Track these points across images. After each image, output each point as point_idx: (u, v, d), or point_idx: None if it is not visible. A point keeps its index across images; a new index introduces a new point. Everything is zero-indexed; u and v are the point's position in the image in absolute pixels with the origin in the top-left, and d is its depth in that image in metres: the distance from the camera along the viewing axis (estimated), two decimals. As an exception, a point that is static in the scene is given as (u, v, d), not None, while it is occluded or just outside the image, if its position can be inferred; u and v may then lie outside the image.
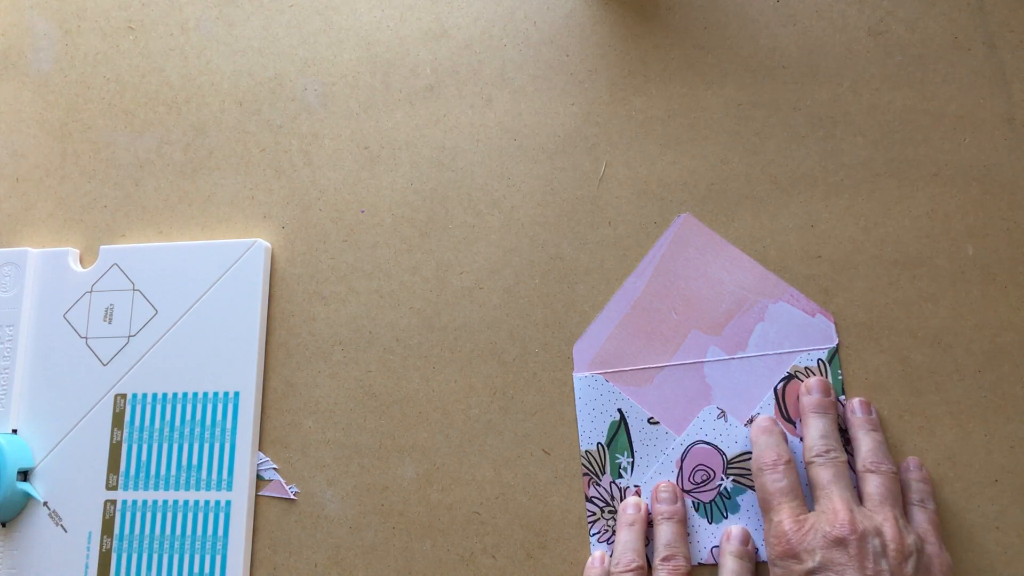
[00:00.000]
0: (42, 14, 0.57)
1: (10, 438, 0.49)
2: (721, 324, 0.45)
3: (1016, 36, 0.46)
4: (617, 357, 0.46)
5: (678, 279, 0.45)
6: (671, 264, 0.46)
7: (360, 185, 0.51)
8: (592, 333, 0.46)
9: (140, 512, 0.48)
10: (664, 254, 0.45)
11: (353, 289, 0.50)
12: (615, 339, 0.46)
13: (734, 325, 0.45)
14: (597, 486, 0.45)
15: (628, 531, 0.43)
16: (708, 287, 0.45)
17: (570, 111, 0.50)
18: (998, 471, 0.42)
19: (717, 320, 0.45)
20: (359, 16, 0.53)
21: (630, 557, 0.42)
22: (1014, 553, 0.41)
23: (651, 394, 0.45)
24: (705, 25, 0.49)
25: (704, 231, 0.44)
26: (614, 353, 0.46)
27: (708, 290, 0.45)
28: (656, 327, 0.46)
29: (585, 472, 0.45)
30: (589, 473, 0.45)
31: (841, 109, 0.47)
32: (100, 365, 0.50)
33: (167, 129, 0.54)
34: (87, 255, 0.53)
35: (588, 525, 0.45)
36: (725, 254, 0.45)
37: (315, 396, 0.49)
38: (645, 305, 0.46)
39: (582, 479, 0.45)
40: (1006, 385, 0.43)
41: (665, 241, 0.46)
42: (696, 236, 0.46)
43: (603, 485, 0.45)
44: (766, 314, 0.44)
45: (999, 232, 0.44)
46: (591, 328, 0.46)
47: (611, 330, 0.46)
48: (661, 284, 0.46)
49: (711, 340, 0.45)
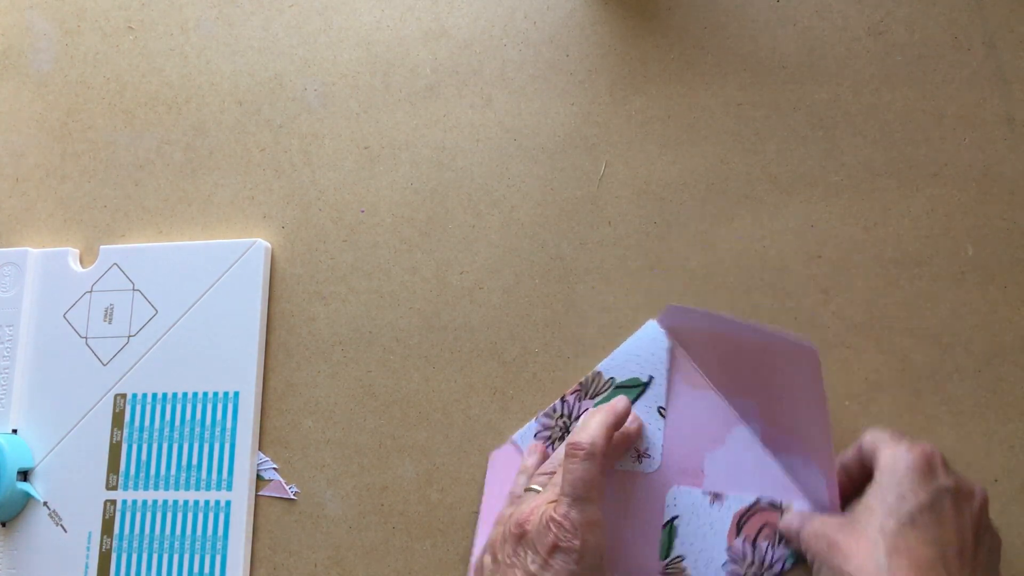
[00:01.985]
0: (42, 14, 0.57)
1: (10, 438, 0.49)
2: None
3: (1016, 36, 0.46)
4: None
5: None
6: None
7: (360, 185, 0.51)
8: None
9: (140, 512, 0.48)
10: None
11: (353, 289, 0.50)
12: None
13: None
14: None
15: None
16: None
17: (570, 111, 0.50)
18: (998, 471, 0.42)
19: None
20: (359, 16, 0.53)
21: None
22: (1014, 553, 0.41)
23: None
24: (705, 25, 0.49)
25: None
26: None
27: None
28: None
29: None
30: None
31: (841, 109, 0.47)
32: (100, 365, 0.50)
33: (167, 129, 0.54)
34: (87, 255, 0.53)
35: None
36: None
37: (315, 396, 0.49)
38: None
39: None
40: (1006, 385, 0.43)
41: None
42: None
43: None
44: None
45: (999, 232, 0.44)
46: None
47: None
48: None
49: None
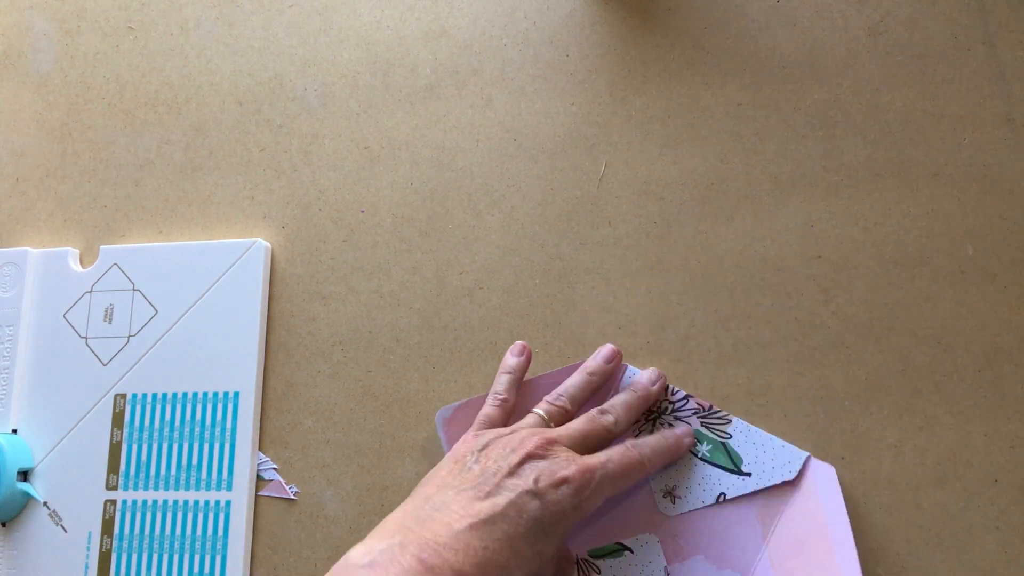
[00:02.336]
0: (42, 14, 0.57)
1: (10, 438, 0.49)
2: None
3: (1016, 36, 0.46)
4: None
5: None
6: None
7: (360, 185, 0.51)
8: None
9: (140, 512, 0.48)
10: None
11: (353, 289, 0.50)
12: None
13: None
14: None
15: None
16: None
17: (570, 111, 0.49)
18: (998, 471, 0.42)
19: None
20: (359, 16, 0.53)
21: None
22: (1014, 553, 0.41)
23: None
24: (705, 25, 0.49)
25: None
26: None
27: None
28: None
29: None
30: None
31: (841, 109, 0.47)
32: (100, 365, 0.50)
33: (167, 129, 0.54)
34: (87, 255, 0.53)
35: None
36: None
37: (315, 396, 0.49)
38: None
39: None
40: (1006, 385, 0.42)
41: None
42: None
43: None
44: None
45: (999, 232, 0.44)
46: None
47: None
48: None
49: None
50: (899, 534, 0.42)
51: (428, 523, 0.36)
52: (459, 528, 0.35)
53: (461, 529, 0.35)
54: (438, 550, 0.34)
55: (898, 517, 0.42)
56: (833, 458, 0.43)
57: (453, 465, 0.39)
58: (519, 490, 0.36)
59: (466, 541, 0.35)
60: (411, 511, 0.37)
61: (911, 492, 0.42)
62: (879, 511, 0.42)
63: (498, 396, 0.44)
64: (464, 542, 0.35)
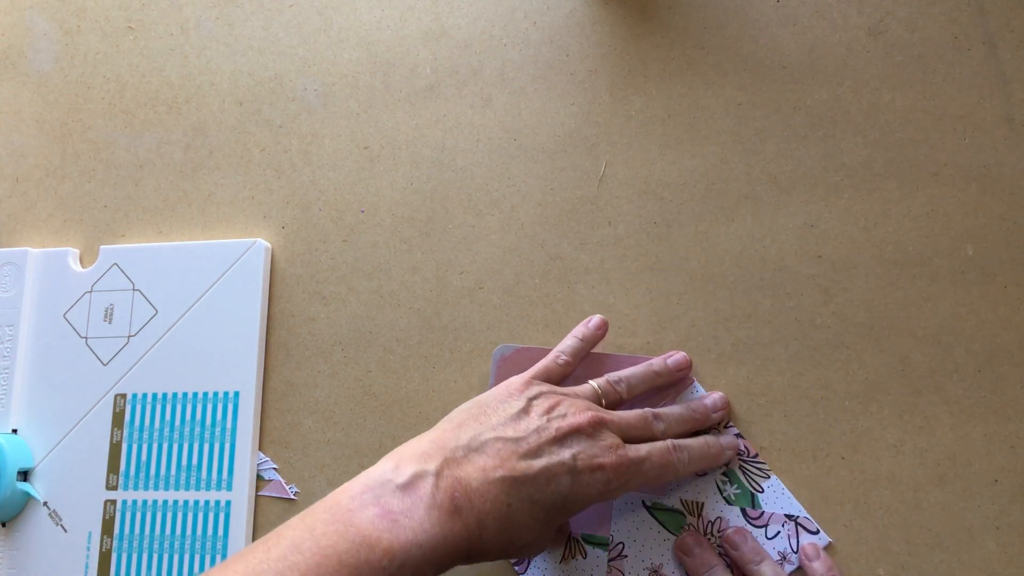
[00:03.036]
0: (42, 14, 0.57)
1: (10, 438, 0.49)
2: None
3: (1016, 36, 0.46)
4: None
5: None
6: None
7: (360, 185, 0.51)
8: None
9: (140, 512, 0.48)
10: None
11: (353, 289, 0.50)
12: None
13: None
14: None
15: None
16: None
17: (570, 111, 0.49)
18: (998, 471, 0.42)
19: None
20: (359, 16, 0.53)
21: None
22: (1014, 553, 0.41)
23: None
24: (705, 25, 0.49)
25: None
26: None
27: None
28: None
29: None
30: None
31: (841, 109, 0.47)
32: (100, 365, 0.50)
33: (167, 129, 0.54)
34: (87, 255, 0.53)
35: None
36: None
37: (315, 396, 0.49)
38: None
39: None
40: (1006, 385, 0.42)
41: None
42: None
43: None
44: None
45: (999, 232, 0.44)
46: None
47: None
48: None
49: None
50: (899, 534, 0.42)
51: (463, 462, 0.36)
52: (493, 478, 0.36)
53: (495, 479, 0.36)
54: (469, 495, 0.35)
55: (898, 517, 0.42)
56: (833, 458, 0.43)
57: (498, 404, 0.39)
58: (556, 460, 0.37)
59: (495, 493, 0.35)
60: (448, 437, 0.37)
61: (911, 492, 0.42)
62: (879, 511, 0.42)
63: (562, 356, 0.44)
64: (494, 493, 0.35)
